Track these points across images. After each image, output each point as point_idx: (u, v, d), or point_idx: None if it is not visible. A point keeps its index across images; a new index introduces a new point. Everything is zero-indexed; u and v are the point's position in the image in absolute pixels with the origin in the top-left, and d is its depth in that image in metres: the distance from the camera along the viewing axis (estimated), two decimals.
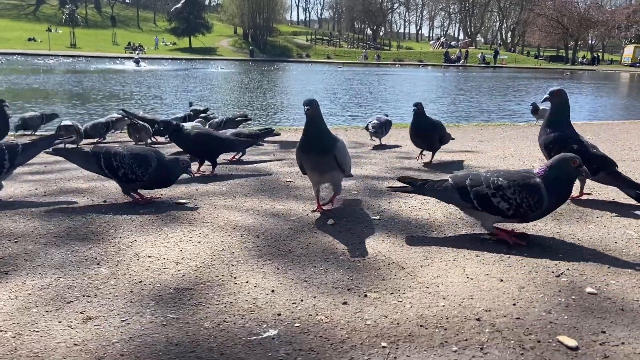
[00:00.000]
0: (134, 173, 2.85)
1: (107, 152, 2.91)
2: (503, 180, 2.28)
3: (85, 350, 1.43)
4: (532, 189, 2.22)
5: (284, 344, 1.48)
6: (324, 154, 2.66)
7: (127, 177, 2.87)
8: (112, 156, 2.87)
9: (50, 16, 70.98)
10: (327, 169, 2.70)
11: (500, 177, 2.30)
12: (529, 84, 25.20)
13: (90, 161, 2.93)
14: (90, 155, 2.93)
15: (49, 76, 21.84)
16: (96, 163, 2.90)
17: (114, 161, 2.86)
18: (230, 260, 2.11)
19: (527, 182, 2.24)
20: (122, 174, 2.86)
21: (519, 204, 2.23)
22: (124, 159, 2.86)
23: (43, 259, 2.09)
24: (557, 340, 1.52)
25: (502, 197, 2.25)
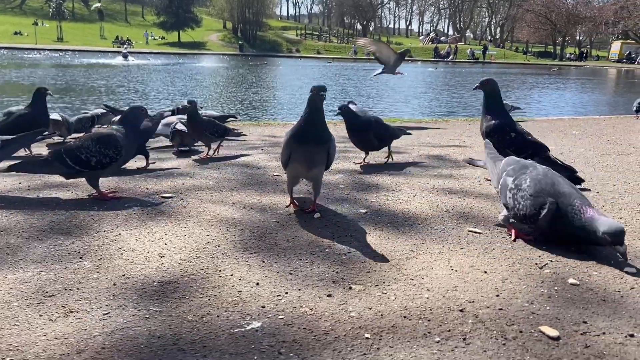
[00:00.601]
0: (107, 155, 2.77)
1: (69, 149, 2.77)
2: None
3: (65, 343, 1.42)
4: None
5: (268, 336, 1.48)
6: (320, 144, 2.54)
7: (103, 163, 2.78)
8: (76, 150, 2.76)
9: (37, 10, 70.05)
10: (317, 163, 2.57)
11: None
12: (515, 79, 25.34)
13: (54, 165, 2.78)
14: (52, 159, 2.77)
15: (35, 70, 21.57)
16: (62, 164, 2.76)
17: (81, 154, 2.75)
18: (215, 254, 2.10)
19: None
20: (95, 163, 2.76)
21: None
22: (90, 148, 2.76)
23: (25, 252, 2.06)
24: (539, 330, 1.53)
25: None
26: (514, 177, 2.32)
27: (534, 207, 2.17)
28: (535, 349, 1.43)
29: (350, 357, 1.39)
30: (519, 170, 2.34)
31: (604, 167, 3.98)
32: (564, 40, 62.87)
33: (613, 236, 1.95)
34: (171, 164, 3.87)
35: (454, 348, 1.43)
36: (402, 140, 5.43)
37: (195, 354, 1.38)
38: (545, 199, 2.14)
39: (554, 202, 2.11)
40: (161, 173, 3.55)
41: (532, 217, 2.19)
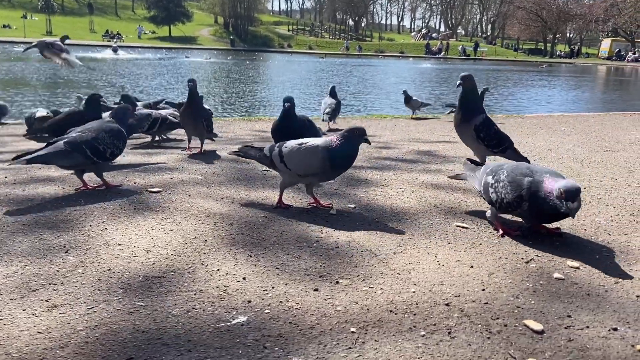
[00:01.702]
0: (118, 147, 2.97)
1: (86, 140, 2.84)
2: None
3: (49, 337, 1.40)
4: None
5: (253, 330, 1.47)
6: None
7: (114, 155, 2.98)
8: (94, 141, 2.85)
9: (26, 3, 69.13)
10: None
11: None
12: (506, 76, 25.46)
13: (73, 155, 2.82)
14: (70, 150, 2.80)
15: (24, 64, 21.32)
16: (81, 154, 2.81)
17: (99, 145, 2.86)
18: (202, 248, 2.09)
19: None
20: (109, 154, 2.93)
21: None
22: (105, 140, 2.90)
23: (10, 247, 2.04)
24: (524, 324, 1.54)
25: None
26: (492, 174, 2.37)
27: (514, 190, 2.19)
28: (520, 343, 1.44)
29: (335, 351, 1.39)
30: (497, 168, 2.39)
31: (592, 163, 4.01)
32: (555, 37, 63.18)
33: (567, 192, 1.99)
34: (159, 159, 3.85)
35: (439, 342, 1.44)
36: (393, 136, 5.45)
37: (179, 348, 1.38)
38: (522, 179, 2.18)
39: (530, 179, 2.15)
40: (149, 167, 3.53)
41: (515, 201, 2.20)
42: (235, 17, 65.00)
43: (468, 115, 3.26)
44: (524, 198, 2.15)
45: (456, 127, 3.33)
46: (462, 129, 3.28)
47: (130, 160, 3.77)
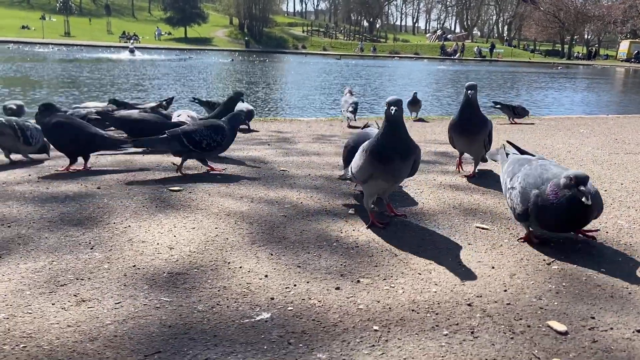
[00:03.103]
0: (215, 140, 3.30)
1: (185, 131, 3.29)
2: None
3: (78, 331, 1.44)
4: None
5: (277, 327, 1.49)
6: (406, 159, 2.31)
7: (211, 146, 3.30)
8: (192, 133, 3.26)
9: (44, 4, 70.21)
10: (403, 176, 2.43)
11: None
12: (523, 77, 25.24)
13: (172, 143, 3.27)
14: (170, 138, 3.26)
15: (43, 65, 21.66)
16: (179, 143, 3.25)
17: (196, 136, 3.25)
18: (224, 246, 2.11)
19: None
20: (205, 145, 3.27)
21: None
22: (202, 132, 3.27)
23: (37, 243, 2.09)
24: (547, 325, 1.54)
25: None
26: (510, 176, 2.30)
27: (522, 203, 2.12)
28: (543, 343, 1.44)
29: (359, 348, 1.40)
30: (516, 169, 2.30)
31: (612, 166, 3.97)
32: (572, 38, 62.49)
33: (576, 177, 1.92)
34: (179, 159, 3.88)
35: (462, 341, 1.44)
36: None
37: (206, 343, 1.40)
38: (529, 192, 2.09)
39: (537, 192, 2.06)
40: (169, 167, 3.57)
41: (523, 214, 2.13)
42: (250, 18, 65.30)
43: (482, 123, 3.28)
44: (530, 212, 2.09)
45: (468, 136, 3.30)
46: (477, 137, 3.28)
47: (150, 159, 3.82)
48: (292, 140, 5.09)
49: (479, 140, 3.29)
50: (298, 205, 2.72)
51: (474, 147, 3.35)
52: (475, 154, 3.43)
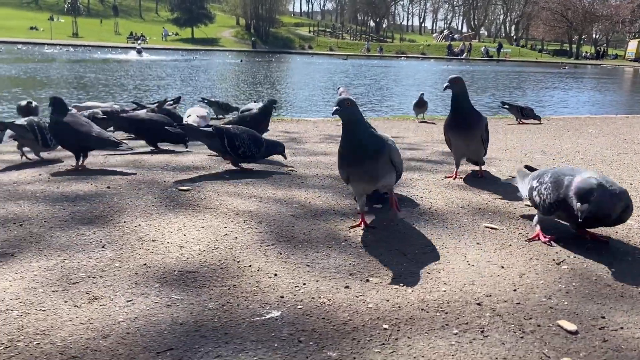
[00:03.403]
0: (251, 151, 3.38)
1: (229, 132, 3.35)
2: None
3: (91, 328, 1.45)
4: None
5: (287, 325, 1.50)
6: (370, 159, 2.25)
7: (245, 155, 3.39)
8: (234, 137, 3.34)
9: (52, 5, 70.66)
10: (381, 176, 2.30)
11: None
12: (534, 77, 25.13)
13: (214, 139, 3.37)
14: (214, 134, 3.35)
15: (51, 65, 21.81)
16: (220, 142, 3.34)
17: (236, 141, 3.33)
18: (234, 245, 2.13)
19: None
20: (241, 152, 3.36)
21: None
22: (244, 140, 3.35)
23: (48, 241, 2.11)
24: (557, 324, 1.54)
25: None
26: (538, 178, 2.33)
27: (554, 190, 2.14)
28: (554, 343, 1.44)
29: (369, 346, 1.41)
30: (543, 172, 2.35)
31: (621, 166, 3.95)
32: (580, 38, 62.13)
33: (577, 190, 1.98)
34: (187, 158, 3.91)
35: (472, 340, 1.44)
36: (416, 137, 5.44)
37: (217, 340, 1.41)
38: (562, 178, 2.13)
39: (570, 178, 2.10)
40: (178, 166, 3.59)
41: (555, 202, 2.14)
42: (257, 18, 65.41)
43: (476, 117, 3.23)
44: (560, 197, 2.11)
45: (465, 132, 3.22)
46: (474, 132, 3.21)
47: (158, 159, 3.84)
48: (299, 140, 5.10)
49: (477, 135, 3.21)
50: (306, 205, 2.73)
51: (473, 145, 3.25)
52: (475, 154, 3.35)
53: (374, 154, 2.23)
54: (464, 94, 3.19)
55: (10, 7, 66.50)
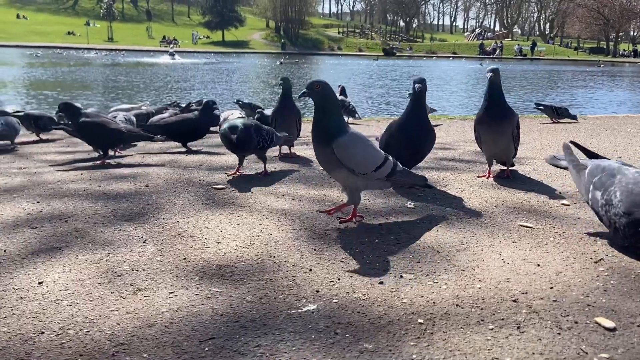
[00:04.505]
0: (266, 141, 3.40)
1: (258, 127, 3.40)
2: None
3: (137, 317, 1.52)
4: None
5: (324, 318, 1.54)
6: (322, 144, 2.30)
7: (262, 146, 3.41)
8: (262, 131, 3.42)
9: (89, 10, 72.78)
10: (330, 167, 2.36)
11: None
12: (569, 75, 24.54)
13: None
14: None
15: (87, 69, 22.46)
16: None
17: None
18: (269, 241, 2.17)
19: None
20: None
21: None
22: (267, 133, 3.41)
23: (93, 236, 2.20)
24: (595, 321, 1.52)
25: None
26: (602, 190, 2.07)
27: (631, 226, 1.89)
28: (591, 339, 1.43)
29: (405, 340, 1.43)
30: (607, 181, 2.07)
31: None
32: (618, 36, 60.30)
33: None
34: (221, 159, 4.00)
35: (508, 335, 1.45)
36: (448, 137, 5.41)
37: (256, 330, 1.46)
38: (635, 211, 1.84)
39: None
40: (212, 166, 3.68)
41: (635, 239, 1.93)
42: (286, 21, 65.88)
43: (508, 112, 3.14)
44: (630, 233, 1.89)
45: (495, 127, 3.13)
46: (503, 127, 3.12)
47: (193, 159, 3.93)
48: None
49: (507, 131, 3.12)
50: (338, 203, 2.75)
51: (502, 141, 3.15)
52: (504, 152, 3.24)
53: (322, 142, 2.29)
54: (500, 87, 3.12)
55: (48, 13, 68.76)
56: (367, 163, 2.32)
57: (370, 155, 2.35)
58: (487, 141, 3.24)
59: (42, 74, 18.69)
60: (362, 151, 2.33)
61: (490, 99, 3.13)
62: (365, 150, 2.35)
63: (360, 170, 2.30)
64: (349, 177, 2.33)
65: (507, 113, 3.13)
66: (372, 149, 2.40)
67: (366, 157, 2.33)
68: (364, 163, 2.32)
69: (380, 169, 2.34)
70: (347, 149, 2.27)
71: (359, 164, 2.30)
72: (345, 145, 2.27)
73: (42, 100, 12.22)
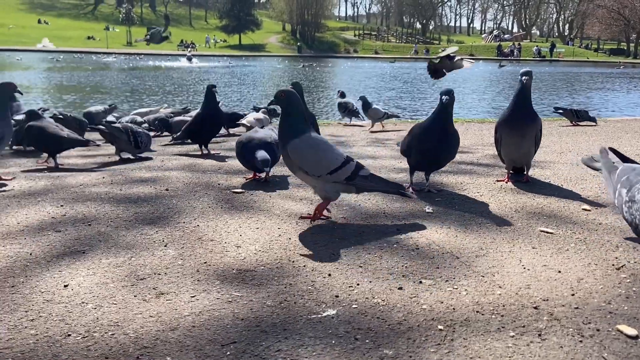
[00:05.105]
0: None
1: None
2: None
3: (160, 321, 1.54)
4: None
5: (343, 323, 1.55)
6: (283, 147, 2.43)
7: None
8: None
9: (108, 15, 73.89)
10: (291, 168, 2.48)
11: None
12: (589, 77, 24.20)
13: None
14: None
15: (106, 73, 22.79)
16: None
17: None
18: (287, 246, 2.19)
19: None
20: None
21: None
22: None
23: (115, 240, 2.24)
24: (617, 329, 1.51)
25: None
26: (627, 187, 2.09)
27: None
28: (613, 347, 1.42)
29: (425, 346, 1.43)
30: (633, 179, 2.10)
31: None
32: (639, 37, 59.29)
33: None
34: (239, 162, 4.02)
35: (530, 343, 1.44)
36: (465, 140, 5.37)
37: (277, 335, 1.47)
38: None
39: None
40: (230, 170, 3.71)
41: None
42: (303, 24, 66.11)
43: (534, 115, 3.14)
44: None
45: (521, 129, 3.12)
46: (529, 130, 3.12)
47: (211, 163, 3.98)
48: (347, 144, 5.14)
49: (532, 134, 3.12)
50: (356, 208, 2.77)
51: (526, 144, 3.14)
52: (525, 155, 3.23)
53: (282, 145, 2.43)
54: (529, 90, 3.14)
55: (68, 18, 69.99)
56: (320, 165, 2.40)
57: (324, 158, 2.41)
58: (510, 144, 3.23)
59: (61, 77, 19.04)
60: (314, 153, 2.41)
61: (519, 102, 3.12)
62: (319, 153, 2.42)
63: (313, 172, 2.40)
64: (307, 179, 2.45)
65: (533, 116, 3.15)
66: (329, 152, 2.44)
67: (320, 160, 2.41)
68: (317, 165, 2.40)
69: (336, 172, 2.39)
70: (300, 150, 2.38)
71: (311, 166, 2.39)
72: (297, 147, 2.38)
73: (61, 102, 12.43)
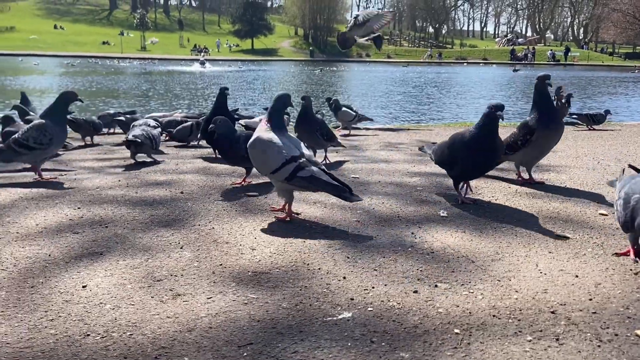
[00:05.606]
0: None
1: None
2: None
3: (177, 322, 1.56)
4: None
5: (359, 326, 1.55)
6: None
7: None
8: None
9: (123, 21, 74.69)
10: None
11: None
12: (604, 81, 23.94)
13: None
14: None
15: (121, 77, 23.04)
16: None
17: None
18: (302, 249, 2.20)
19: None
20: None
21: None
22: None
23: (132, 242, 2.26)
24: (635, 334, 1.49)
25: None
26: (619, 189, 2.16)
27: (625, 210, 2.01)
28: (632, 352, 1.40)
29: (442, 349, 1.43)
30: (627, 181, 2.16)
31: None
32: None
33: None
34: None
35: (547, 347, 1.43)
36: None
37: (292, 337, 1.48)
38: (630, 197, 1.99)
39: (638, 197, 1.96)
40: (244, 173, 3.72)
41: (625, 223, 2.03)
42: (315, 28, 66.28)
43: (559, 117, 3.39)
44: (627, 217, 1.98)
45: (557, 133, 3.28)
46: (559, 132, 3.30)
47: (225, 167, 4.00)
48: (360, 148, 5.15)
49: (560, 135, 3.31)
50: (370, 211, 2.77)
51: (552, 146, 3.33)
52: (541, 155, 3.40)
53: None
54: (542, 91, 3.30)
55: (83, 24, 70.92)
56: (264, 165, 2.55)
57: (267, 158, 2.50)
58: (544, 145, 3.27)
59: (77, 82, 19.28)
60: (261, 153, 2.53)
61: (550, 104, 3.30)
62: (264, 153, 2.52)
63: (261, 171, 2.61)
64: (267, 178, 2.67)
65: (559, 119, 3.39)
66: (272, 152, 2.49)
67: (264, 160, 2.52)
68: (262, 165, 2.58)
69: (277, 172, 2.47)
70: (251, 150, 2.58)
71: (258, 166, 2.62)
72: (250, 147, 2.58)
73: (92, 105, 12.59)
